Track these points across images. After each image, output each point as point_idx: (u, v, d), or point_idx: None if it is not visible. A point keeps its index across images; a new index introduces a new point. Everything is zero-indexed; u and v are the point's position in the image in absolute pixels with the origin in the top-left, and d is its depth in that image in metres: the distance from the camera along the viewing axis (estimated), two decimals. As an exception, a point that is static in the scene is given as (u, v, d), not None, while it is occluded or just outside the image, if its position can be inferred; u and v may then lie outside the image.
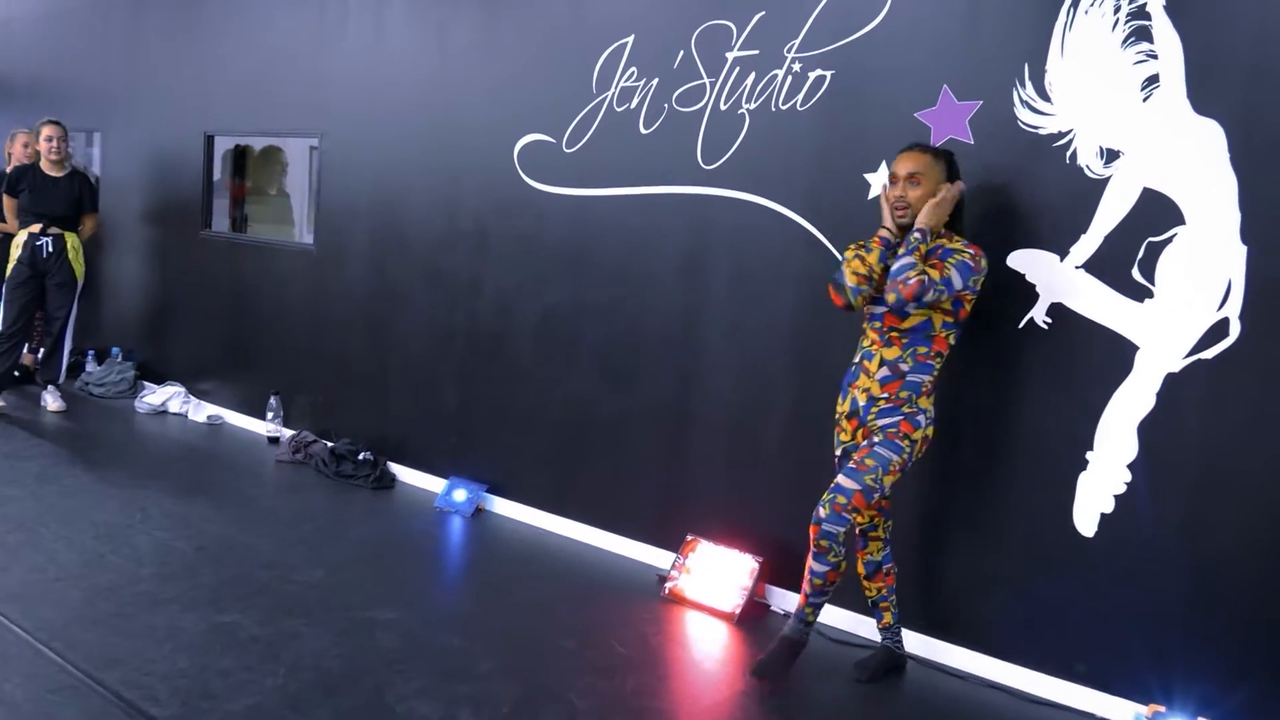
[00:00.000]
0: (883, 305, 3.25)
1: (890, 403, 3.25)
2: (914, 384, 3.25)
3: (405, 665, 3.34)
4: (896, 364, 3.26)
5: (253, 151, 7.08)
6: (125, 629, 3.40)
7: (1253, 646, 3.11)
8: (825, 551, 3.22)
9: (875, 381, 3.28)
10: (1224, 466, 3.17)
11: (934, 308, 3.19)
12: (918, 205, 3.22)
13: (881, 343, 3.29)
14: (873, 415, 3.28)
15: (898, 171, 3.28)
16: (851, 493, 3.18)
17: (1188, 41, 3.17)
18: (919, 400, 3.25)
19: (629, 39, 4.47)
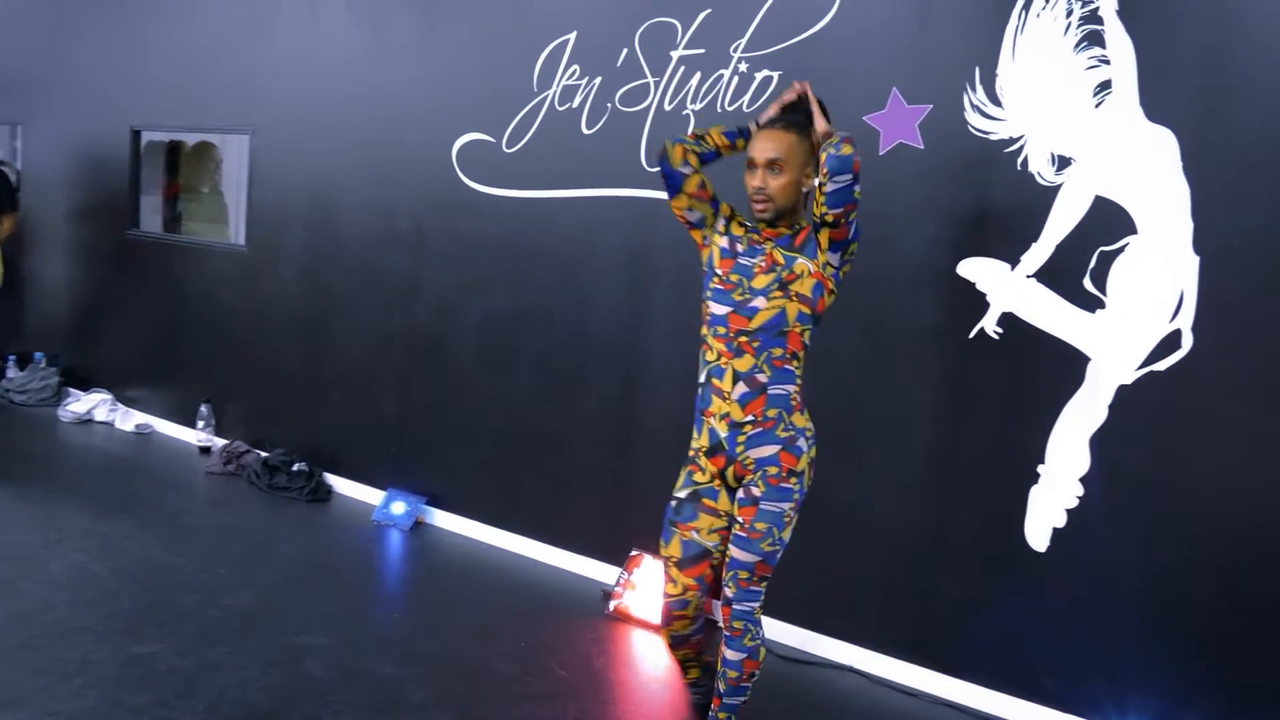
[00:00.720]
0: (725, 306, 2.71)
1: (758, 427, 2.69)
2: (780, 398, 2.69)
3: (334, 697, 3.17)
4: (752, 375, 2.68)
5: (186, 147, 6.82)
6: (31, 663, 3.19)
7: (1208, 663, 3.06)
8: (739, 635, 2.73)
9: (733, 403, 2.70)
10: (1177, 480, 3.11)
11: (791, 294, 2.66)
12: (779, 196, 2.68)
13: (730, 353, 2.70)
14: (741, 446, 2.71)
15: (755, 156, 2.70)
16: (753, 565, 2.69)
17: (1140, 47, 3.10)
18: (793, 419, 2.71)
19: (571, 36, 4.32)
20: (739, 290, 2.71)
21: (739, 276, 2.72)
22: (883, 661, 3.64)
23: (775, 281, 2.68)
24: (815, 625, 3.78)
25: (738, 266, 2.73)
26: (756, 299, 2.68)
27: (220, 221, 7.21)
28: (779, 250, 2.71)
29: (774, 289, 2.68)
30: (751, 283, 2.70)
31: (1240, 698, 3.02)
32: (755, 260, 2.73)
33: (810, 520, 3.69)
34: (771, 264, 2.70)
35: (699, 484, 2.80)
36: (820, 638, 3.77)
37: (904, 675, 3.60)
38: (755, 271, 2.71)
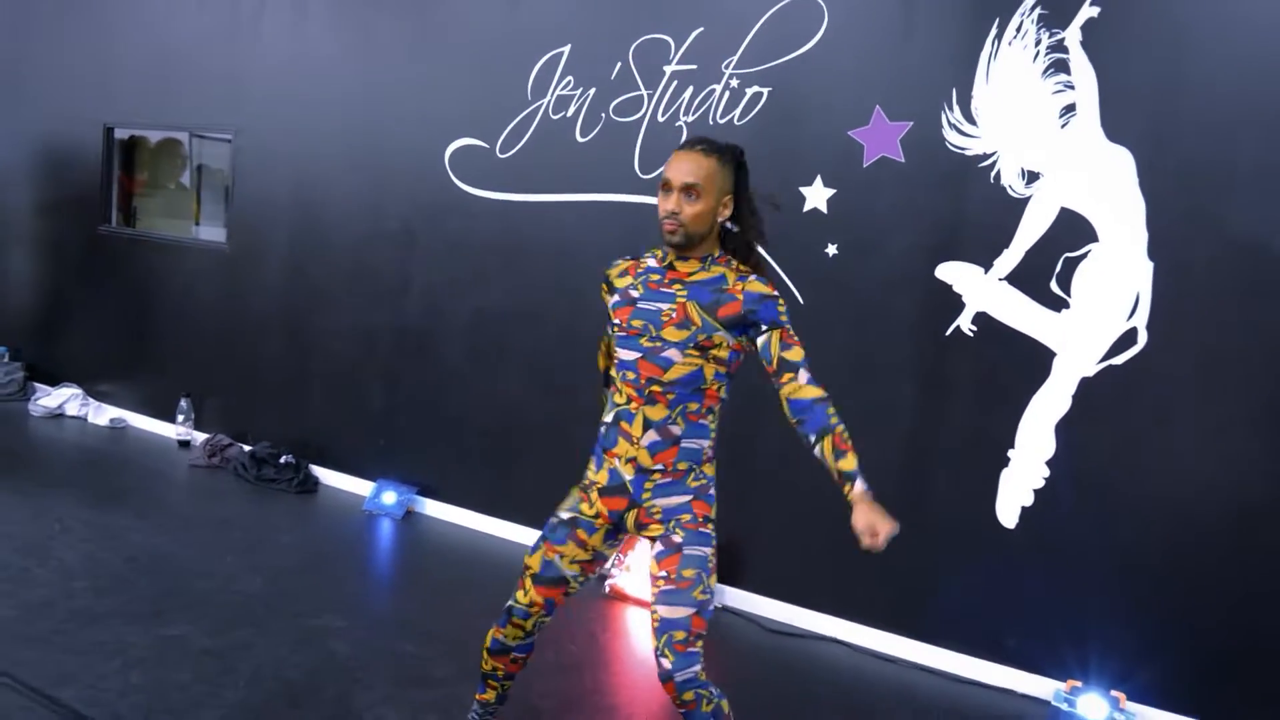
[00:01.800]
0: (634, 353, 2.54)
1: (668, 476, 2.56)
2: (693, 451, 2.57)
3: (363, 674, 3.36)
4: (665, 426, 2.54)
5: (147, 143, 6.84)
6: (70, 645, 3.32)
7: (1161, 627, 3.44)
8: (695, 705, 2.44)
9: (642, 449, 2.55)
10: (1133, 463, 3.48)
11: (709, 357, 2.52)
12: (692, 224, 2.48)
13: (641, 399, 2.54)
14: (648, 493, 2.56)
15: (670, 178, 2.51)
16: (687, 622, 2.44)
17: (1102, 74, 3.46)
18: (703, 468, 2.60)
19: (565, 48, 4.54)
20: (645, 337, 2.53)
21: (643, 322, 2.54)
22: (864, 632, 3.96)
23: (691, 342, 2.49)
24: (801, 600, 4.08)
25: (638, 312, 2.55)
26: (669, 350, 2.51)
27: (184, 217, 7.26)
28: (695, 308, 2.50)
29: (690, 348, 2.50)
30: (661, 332, 2.51)
31: (1188, 654, 3.40)
32: (662, 307, 2.53)
33: (796, 502, 4.00)
34: (685, 319, 2.50)
35: (582, 514, 2.64)
36: (806, 612, 4.07)
37: (884, 644, 3.93)
38: (664, 321, 2.51)
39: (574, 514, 2.65)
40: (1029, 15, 3.58)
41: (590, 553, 2.64)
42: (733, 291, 2.49)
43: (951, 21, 3.73)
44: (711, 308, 2.49)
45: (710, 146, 2.54)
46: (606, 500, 2.59)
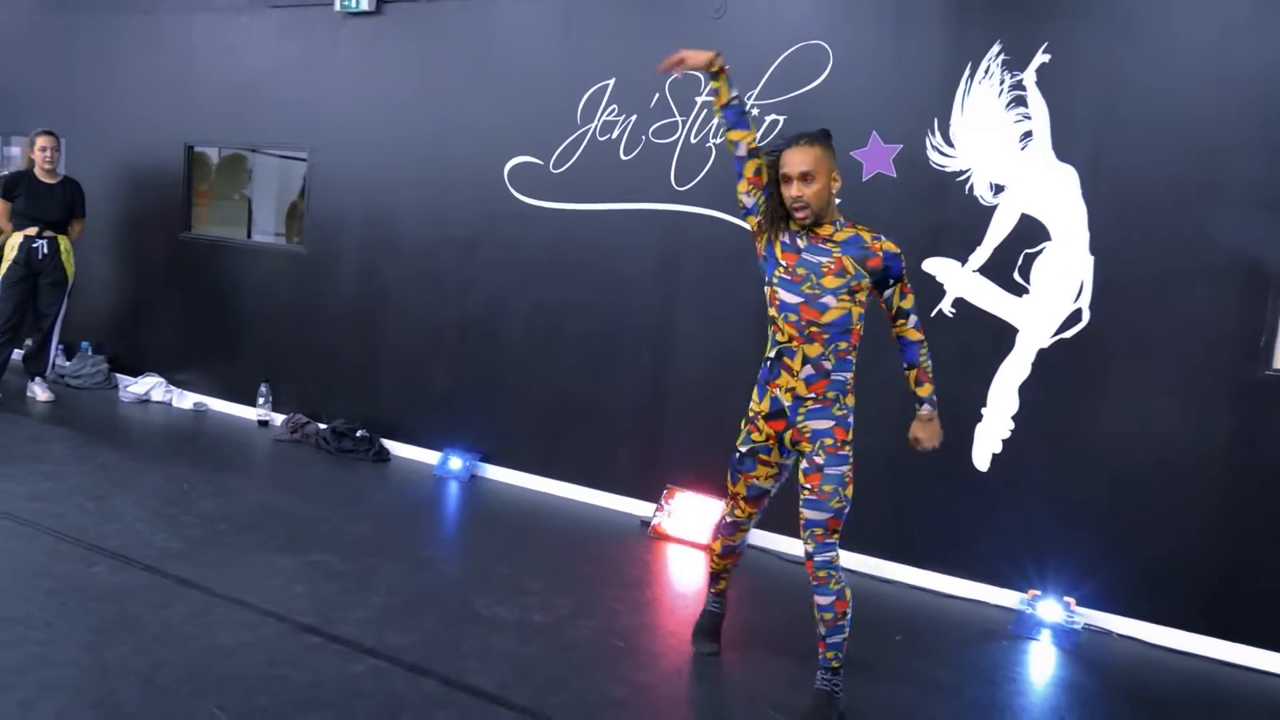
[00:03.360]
0: (796, 296, 3.12)
1: (819, 403, 3.16)
2: (839, 383, 3.16)
3: (474, 587, 4.22)
4: (820, 361, 3.13)
5: (207, 159, 7.65)
6: (237, 567, 4.15)
7: (1104, 546, 4.34)
8: (824, 582, 3.15)
9: (800, 380, 3.15)
10: (1080, 416, 4.38)
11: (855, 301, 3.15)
12: (815, 202, 3.09)
13: (801, 338, 3.13)
14: (801, 415, 3.17)
15: (789, 171, 3.09)
16: (824, 523, 3.13)
17: (1052, 108, 4.37)
18: (845, 399, 3.19)
19: (610, 81, 5.42)
20: (808, 284, 3.11)
21: (806, 271, 3.12)
22: (865, 560, 4.83)
23: (845, 288, 3.11)
24: (814, 537, 4.96)
25: (803, 261, 3.13)
26: (826, 297, 3.09)
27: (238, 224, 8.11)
28: (849, 259, 3.13)
29: (843, 293, 3.11)
30: (821, 280, 3.10)
31: (1124, 567, 4.30)
32: (822, 260, 3.12)
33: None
34: (841, 269, 3.11)
35: (755, 442, 3.31)
36: (818, 546, 4.94)
37: (881, 569, 4.81)
38: (825, 271, 3.11)
39: (750, 445, 3.33)
40: (994, 60, 4.49)
41: (775, 466, 3.35)
42: (873, 249, 3.15)
43: (933, 64, 4.63)
44: (861, 260, 3.13)
45: (810, 137, 3.11)
46: (770, 423, 3.24)
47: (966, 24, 4.54)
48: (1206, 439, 4.17)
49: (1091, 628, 4.33)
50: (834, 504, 3.14)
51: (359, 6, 6.19)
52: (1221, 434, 4.15)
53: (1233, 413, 4.13)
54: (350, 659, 3.40)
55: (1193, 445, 4.20)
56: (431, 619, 3.82)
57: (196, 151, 7.36)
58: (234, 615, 3.68)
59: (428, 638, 3.63)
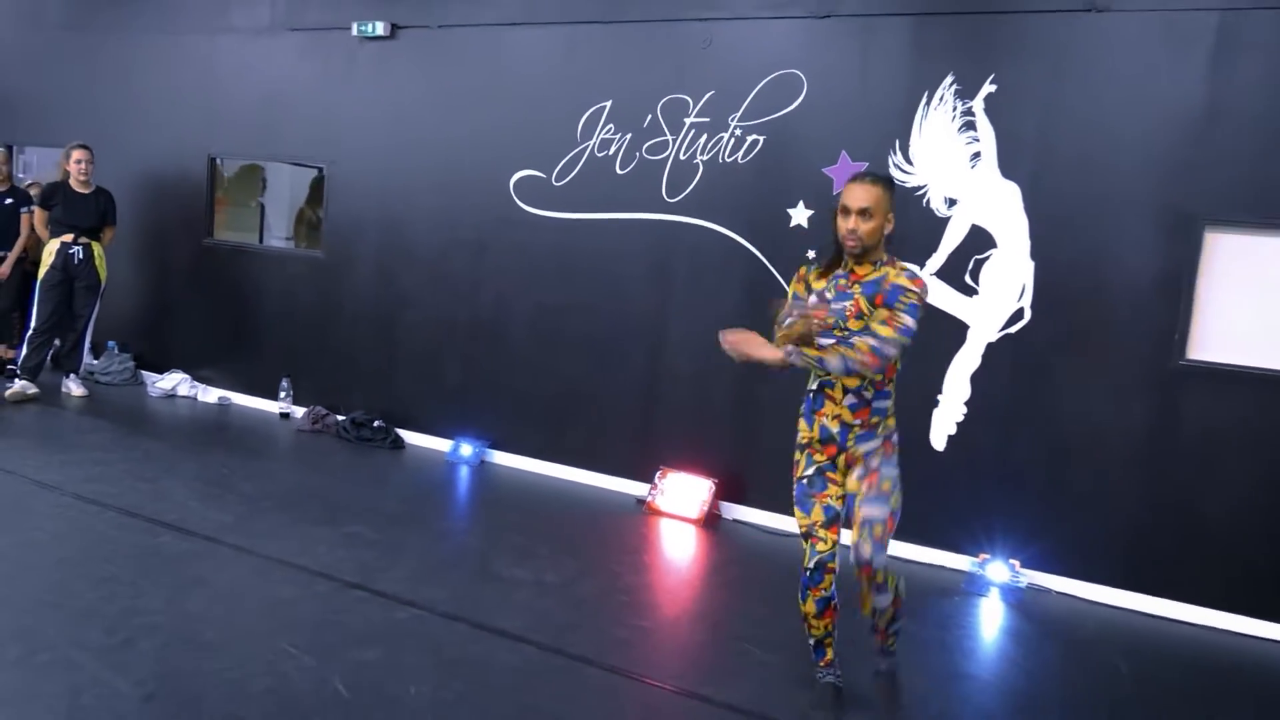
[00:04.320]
0: (830, 339, 3.21)
1: (866, 428, 3.28)
2: (881, 409, 3.29)
3: (492, 552, 4.80)
4: (860, 392, 3.26)
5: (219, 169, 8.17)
6: (284, 536, 4.72)
7: (1045, 515, 4.96)
8: (884, 584, 3.22)
9: (845, 409, 3.28)
10: (1023, 401, 5.01)
11: None
12: (868, 238, 3.17)
13: None
14: (852, 440, 3.29)
15: (849, 204, 3.18)
16: (884, 519, 3.20)
17: (998, 131, 4.99)
18: (888, 421, 3.32)
19: (608, 103, 6.01)
20: (838, 329, 3.23)
21: (835, 320, 3.24)
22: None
23: (866, 328, 3.16)
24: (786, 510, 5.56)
25: (832, 312, 3.25)
26: (853, 338, 3.14)
27: (250, 230, 8.65)
28: (864, 301, 3.20)
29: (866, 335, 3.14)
30: (847, 325, 3.22)
31: (1063, 532, 4.93)
32: (845, 305, 3.23)
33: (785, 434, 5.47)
34: (859, 311, 3.20)
35: (820, 462, 3.34)
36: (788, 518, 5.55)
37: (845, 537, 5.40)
38: (848, 315, 3.22)
39: (815, 466, 3.34)
40: (948, 89, 5.10)
41: (841, 486, 3.34)
42: (884, 286, 3.17)
43: (895, 92, 5.24)
44: (872, 297, 3.18)
45: (875, 177, 3.22)
46: (825, 448, 3.33)
47: (924, 57, 5.16)
48: (1130, 420, 4.81)
49: (1033, 586, 4.96)
50: (893, 502, 3.23)
51: (375, 32, 6.76)
52: (1142, 415, 4.78)
53: (1151, 397, 4.77)
54: (393, 608, 3.98)
55: (1118, 425, 4.83)
56: (458, 578, 4.40)
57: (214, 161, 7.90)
58: (289, 575, 4.25)
59: (457, 592, 4.22)
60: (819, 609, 3.37)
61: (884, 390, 3.30)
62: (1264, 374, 4.58)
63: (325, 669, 3.40)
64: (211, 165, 7.78)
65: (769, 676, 3.72)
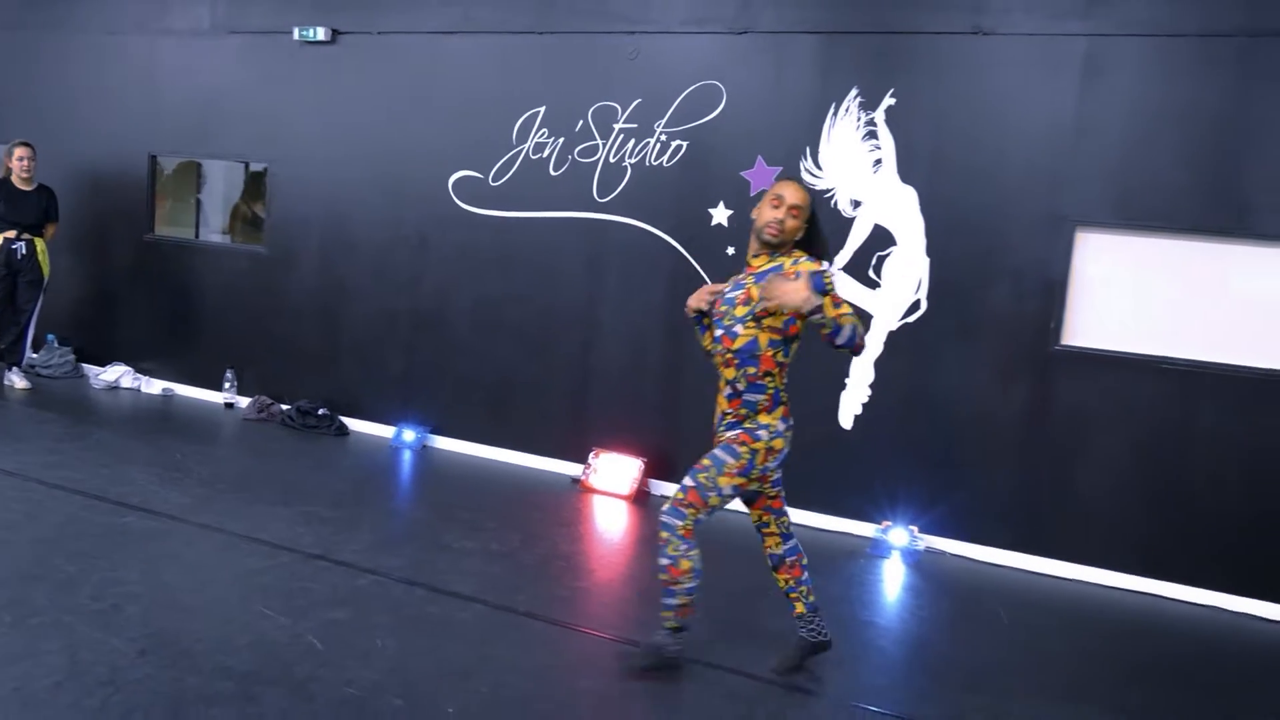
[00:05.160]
0: (721, 329, 3.48)
1: (734, 418, 3.51)
2: (750, 402, 3.46)
3: (441, 526, 5.20)
4: (734, 384, 3.47)
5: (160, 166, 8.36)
6: (244, 516, 5.05)
7: (940, 485, 5.54)
8: (664, 544, 3.43)
9: (723, 398, 3.55)
10: (920, 384, 5.58)
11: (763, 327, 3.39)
12: (789, 233, 3.42)
13: (723, 364, 3.52)
14: (721, 427, 3.57)
15: (785, 197, 3.42)
16: (687, 489, 3.42)
17: (897, 140, 5.54)
18: (758, 416, 3.47)
19: (541, 109, 6.42)
20: (728, 318, 3.48)
21: (726, 308, 3.50)
22: (757, 504, 5.96)
23: (750, 315, 3.39)
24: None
25: (726, 300, 3.51)
26: (736, 325, 3.42)
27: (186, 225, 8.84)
28: (757, 288, 3.37)
29: (749, 320, 3.40)
30: (734, 311, 3.45)
31: (955, 504, 5.52)
32: (737, 294, 3.47)
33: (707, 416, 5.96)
34: (748, 298, 3.40)
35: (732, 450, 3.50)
36: (718, 494, 6.06)
37: (770, 511, 5.93)
38: (737, 302, 3.45)
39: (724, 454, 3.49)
40: (853, 101, 5.63)
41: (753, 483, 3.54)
42: (787, 273, 3.36)
43: (805, 103, 5.75)
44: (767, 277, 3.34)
45: (809, 188, 3.82)
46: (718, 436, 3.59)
47: (831, 72, 5.68)
48: (1012, 399, 5.41)
49: (930, 549, 5.54)
50: (701, 477, 3.44)
51: (316, 37, 7.06)
52: (1023, 395, 5.39)
53: (1031, 379, 5.37)
54: (356, 576, 4.37)
55: (1002, 404, 5.43)
56: (412, 549, 4.80)
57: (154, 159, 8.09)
58: (253, 549, 4.61)
59: (412, 561, 4.62)
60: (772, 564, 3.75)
61: (756, 384, 3.45)
62: (1127, 357, 5.21)
63: (298, 627, 3.78)
64: (152, 163, 7.98)
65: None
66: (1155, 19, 5.05)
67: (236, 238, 8.54)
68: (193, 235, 8.19)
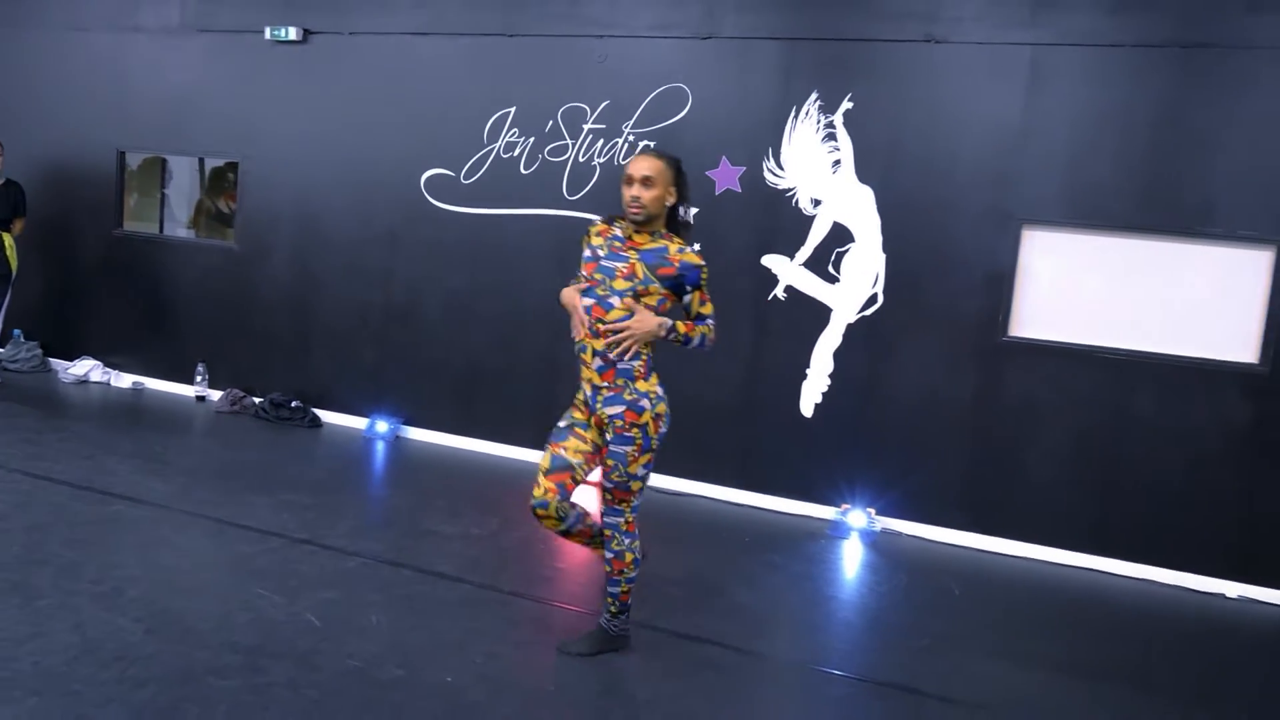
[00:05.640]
0: (590, 298, 3.44)
1: (612, 390, 3.47)
2: (625, 371, 3.44)
3: (420, 513, 5.39)
4: (605, 354, 3.43)
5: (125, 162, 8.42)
6: (228, 502, 5.20)
7: (894, 469, 5.85)
8: (609, 540, 3.61)
9: (594, 372, 3.47)
10: (877, 373, 5.88)
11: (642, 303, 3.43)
12: (651, 206, 3.40)
13: (591, 335, 3.46)
14: (599, 403, 3.50)
15: (632, 173, 3.41)
16: (612, 490, 3.58)
17: (855, 142, 5.83)
18: (636, 385, 3.45)
19: (512, 109, 6.62)
20: (601, 287, 3.44)
21: (602, 276, 3.45)
22: (721, 489, 6.23)
23: (630, 291, 3.40)
24: (679, 471, 6.33)
25: (601, 268, 3.46)
26: (613, 298, 3.40)
27: (150, 220, 8.90)
28: (642, 267, 3.41)
29: (629, 295, 3.41)
30: (612, 283, 3.42)
31: (910, 487, 5.83)
32: (618, 265, 3.43)
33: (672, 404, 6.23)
34: (632, 273, 3.41)
35: (576, 419, 3.59)
36: (681, 480, 6.32)
37: (733, 496, 6.21)
38: (616, 275, 3.41)
39: (569, 421, 3.61)
40: (813, 104, 5.91)
41: (590, 445, 3.57)
42: (672, 259, 3.44)
43: (768, 106, 6.02)
44: (654, 268, 3.43)
45: (658, 151, 3.53)
46: (583, 408, 3.60)
47: (792, 76, 5.96)
48: (962, 387, 5.73)
49: (887, 530, 5.85)
50: (614, 477, 3.53)
51: (287, 36, 7.18)
52: (973, 383, 5.71)
53: (980, 368, 5.70)
54: (343, 559, 4.56)
55: (953, 392, 5.75)
56: (395, 533, 5.00)
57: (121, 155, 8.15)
58: (242, 535, 4.77)
59: (396, 545, 4.82)
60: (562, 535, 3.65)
61: (634, 353, 3.44)
62: (1069, 347, 5.55)
63: (295, 606, 3.97)
64: (121, 159, 8.04)
65: (663, 599, 4.45)
66: (1095, 30, 5.39)
67: (201, 232, 8.62)
68: (157, 230, 8.27)
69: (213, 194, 8.71)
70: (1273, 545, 5.25)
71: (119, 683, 3.23)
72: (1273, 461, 5.24)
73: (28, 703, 3.06)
